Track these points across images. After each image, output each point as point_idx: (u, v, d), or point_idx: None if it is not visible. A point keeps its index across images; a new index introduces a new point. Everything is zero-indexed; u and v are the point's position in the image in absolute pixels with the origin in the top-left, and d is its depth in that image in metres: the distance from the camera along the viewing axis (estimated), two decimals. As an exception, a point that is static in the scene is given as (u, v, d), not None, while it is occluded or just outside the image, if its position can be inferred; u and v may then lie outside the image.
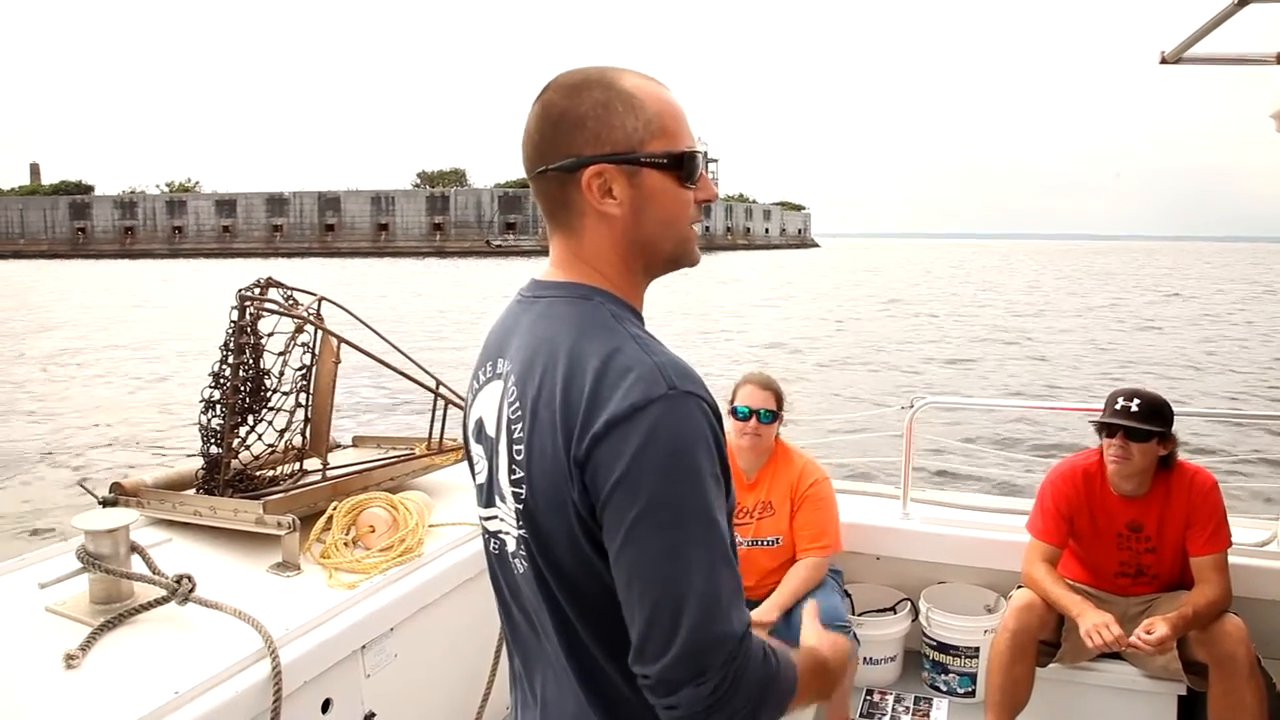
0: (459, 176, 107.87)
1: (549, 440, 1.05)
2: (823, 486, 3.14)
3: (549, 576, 1.10)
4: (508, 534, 1.16)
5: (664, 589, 0.98)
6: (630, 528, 0.99)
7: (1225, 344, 22.23)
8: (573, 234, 1.15)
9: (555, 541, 1.07)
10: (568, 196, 1.13)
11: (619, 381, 1.01)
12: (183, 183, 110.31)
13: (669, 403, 1.00)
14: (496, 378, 1.18)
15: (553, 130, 1.11)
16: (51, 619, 1.94)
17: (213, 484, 2.48)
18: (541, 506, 1.07)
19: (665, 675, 0.98)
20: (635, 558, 0.99)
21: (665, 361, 1.03)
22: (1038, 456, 8.73)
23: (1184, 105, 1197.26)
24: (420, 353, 3.04)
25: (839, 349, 20.72)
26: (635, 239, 1.14)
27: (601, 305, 1.11)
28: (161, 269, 65.28)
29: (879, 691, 3.45)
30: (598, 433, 1.00)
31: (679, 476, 0.99)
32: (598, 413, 1.00)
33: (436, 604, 2.39)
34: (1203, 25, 2.35)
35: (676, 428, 0.99)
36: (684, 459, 0.99)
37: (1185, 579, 2.89)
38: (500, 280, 43.43)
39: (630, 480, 0.98)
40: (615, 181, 1.10)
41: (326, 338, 2.67)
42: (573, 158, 1.10)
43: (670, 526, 0.98)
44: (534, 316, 1.15)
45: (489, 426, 1.18)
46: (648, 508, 0.98)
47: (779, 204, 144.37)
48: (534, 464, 1.07)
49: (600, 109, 1.09)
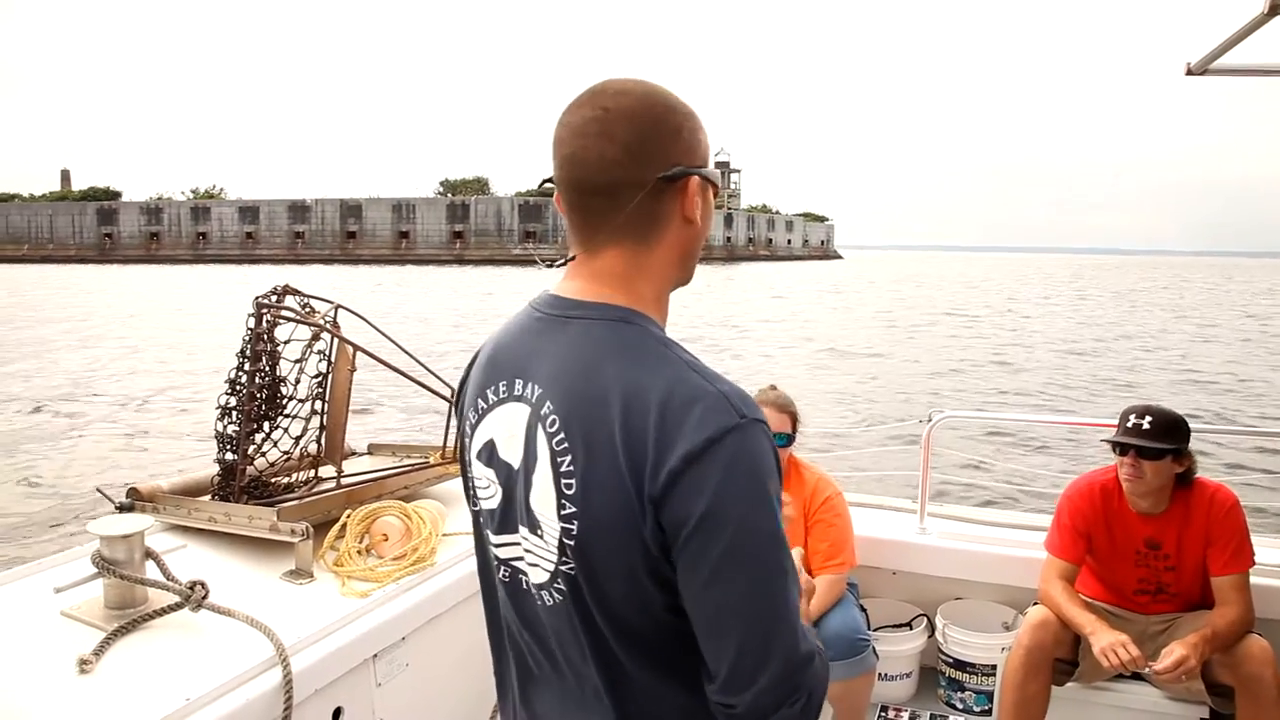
0: (481, 185, 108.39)
1: (611, 475, 1.01)
2: (836, 502, 3.12)
3: (595, 609, 1.07)
4: (535, 565, 1.11)
5: (755, 620, 0.99)
6: (718, 564, 0.98)
7: (1254, 360, 21.96)
8: (644, 246, 1.11)
9: (609, 576, 1.04)
10: (660, 207, 1.10)
11: (687, 413, 0.99)
12: (208, 189, 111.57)
13: (741, 433, 0.99)
14: (516, 400, 1.12)
15: (653, 136, 1.08)
16: (66, 623, 1.95)
17: (228, 490, 2.49)
18: (599, 542, 1.04)
19: (760, 701, 1.00)
20: (724, 592, 0.99)
21: (729, 390, 1.02)
22: (1057, 472, 8.64)
23: (1210, 117, 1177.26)
24: (437, 361, 3.04)
25: (856, 361, 20.63)
26: (693, 251, 1.16)
27: (645, 329, 1.09)
28: (185, 274, 65.97)
29: (894, 708, 3.42)
30: (675, 469, 0.98)
31: (758, 506, 0.99)
32: (671, 448, 0.98)
33: (449, 613, 2.39)
34: (1230, 36, 2.32)
35: (751, 458, 0.99)
36: (760, 488, 0.99)
37: (1208, 598, 2.85)
38: (524, 288, 43.57)
39: (714, 517, 0.97)
40: (698, 193, 1.12)
41: (343, 346, 2.68)
42: (678, 166, 1.09)
43: (756, 558, 0.99)
44: (570, 339, 1.09)
45: (505, 451, 1.14)
46: (734, 543, 0.98)
47: (802, 215, 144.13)
48: (592, 499, 1.03)
49: (689, 121, 1.11)
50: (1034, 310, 39.29)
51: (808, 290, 53.55)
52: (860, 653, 2.93)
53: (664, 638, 1.06)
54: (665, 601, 1.04)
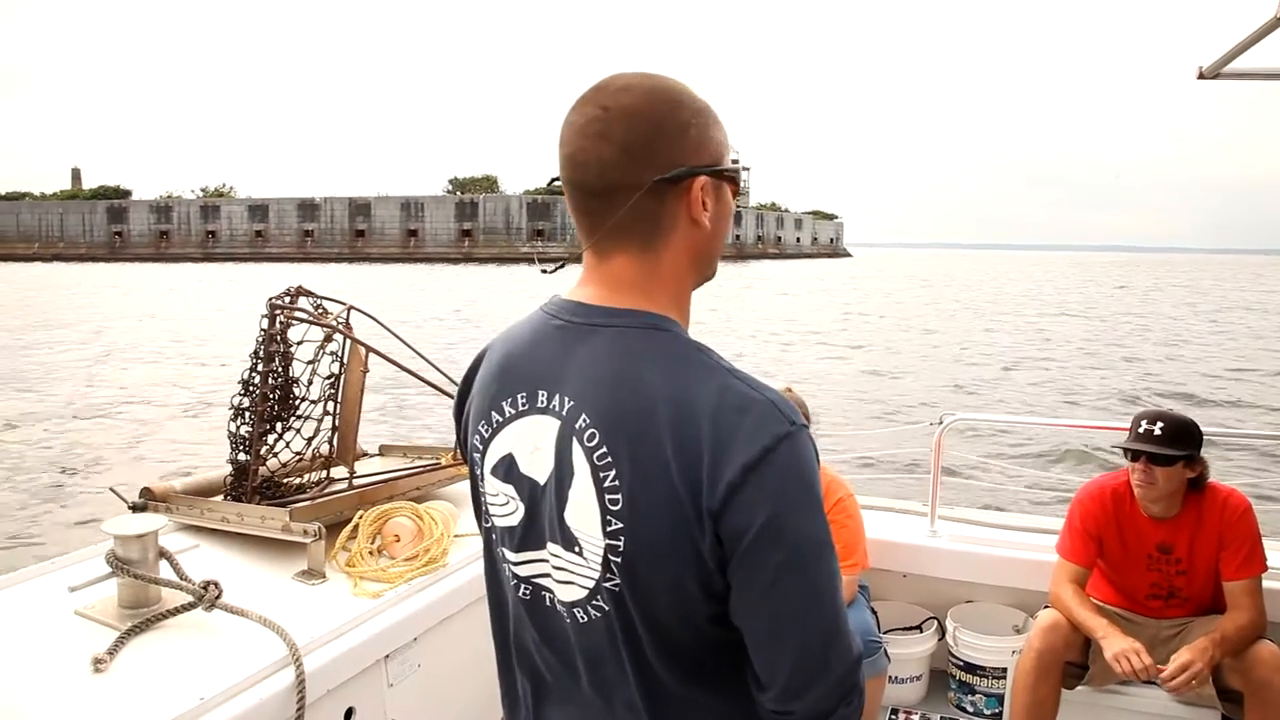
0: (490, 183, 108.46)
1: (663, 489, 0.99)
2: (847, 503, 3.12)
3: (640, 624, 1.04)
4: (568, 583, 1.08)
5: (813, 627, 1.00)
6: (776, 574, 0.98)
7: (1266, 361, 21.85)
8: (650, 251, 1.07)
9: (657, 591, 1.02)
10: (663, 209, 1.06)
11: (739, 423, 0.97)
12: (217, 188, 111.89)
13: (792, 441, 0.98)
14: (541, 412, 1.08)
15: (656, 136, 1.04)
16: (80, 622, 1.96)
17: (240, 491, 2.50)
18: (649, 557, 1.01)
19: (819, 706, 1.01)
20: (783, 601, 0.99)
21: (775, 397, 1.01)
22: (1069, 475, 8.61)
23: (1223, 119, 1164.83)
24: (447, 358, 3.05)
25: (867, 363, 20.59)
26: (708, 252, 1.12)
27: (680, 337, 1.06)
28: (195, 273, 66.23)
29: (905, 711, 3.41)
30: (733, 481, 0.96)
31: (813, 514, 0.99)
32: (727, 459, 0.96)
33: (460, 614, 2.40)
34: (1241, 41, 2.31)
35: (803, 465, 0.99)
36: (813, 494, 0.99)
37: (1220, 603, 2.83)
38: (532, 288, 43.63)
39: (774, 527, 0.97)
40: (708, 194, 1.08)
41: (355, 347, 2.69)
42: (683, 166, 1.05)
43: (812, 566, 0.99)
44: (601, 349, 1.05)
45: (529, 466, 1.10)
46: (794, 553, 0.98)
47: (811, 213, 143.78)
48: (641, 514, 1.00)
49: (699, 117, 1.06)
50: (1048, 309, 39.13)
51: (816, 289, 53.47)
52: (871, 655, 2.93)
53: (704, 649, 1.05)
54: (710, 613, 1.03)
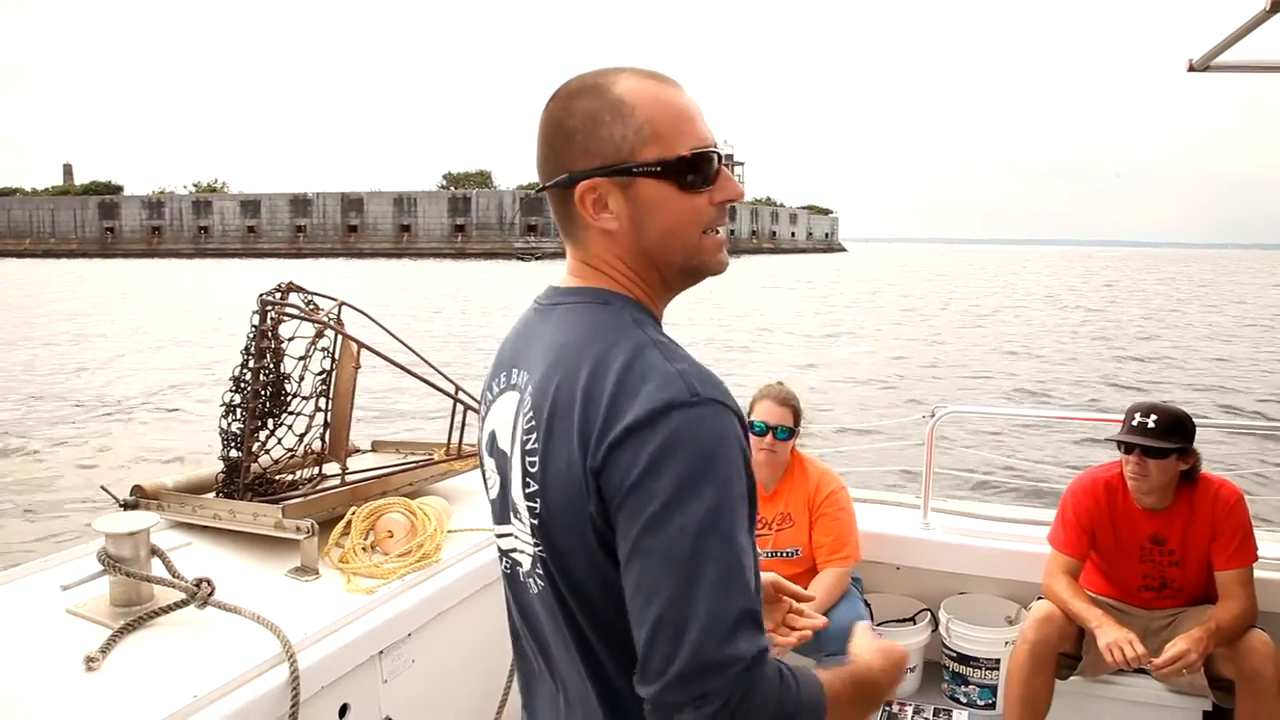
0: (485, 178, 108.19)
1: (564, 450, 1.00)
2: (840, 496, 3.12)
3: (567, 595, 1.05)
4: (522, 552, 1.12)
5: (669, 605, 0.92)
6: (639, 536, 0.94)
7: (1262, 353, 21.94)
8: (579, 245, 1.13)
9: (572, 557, 1.03)
10: (569, 211, 1.10)
11: (639, 387, 0.97)
12: (210, 183, 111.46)
13: (691, 409, 0.95)
14: (511, 389, 1.14)
15: (548, 145, 1.10)
16: (72, 621, 1.96)
17: (232, 488, 2.49)
18: (557, 521, 1.02)
19: (664, 697, 0.92)
20: (643, 569, 0.94)
21: (688, 369, 0.99)
22: (1061, 466, 8.64)
23: (1217, 112, 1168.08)
24: (439, 356, 3.04)
25: (861, 355, 20.62)
26: (639, 251, 1.10)
27: (622, 310, 1.08)
28: (187, 269, 65.97)
29: (898, 703, 3.41)
30: (615, 439, 0.95)
31: (698, 486, 0.93)
32: (616, 419, 0.96)
33: (454, 610, 2.39)
34: (1231, 33, 2.31)
35: (698, 435, 0.94)
36: (704, 468, 0.93)
37: (1212, 594, 2.84)
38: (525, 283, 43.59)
39: (643, 487, 0.93)
40: (610, 195, 1.07)
41: (346, 342, 2.68)
42: (566, 174, 1.07)
43: (682, 538, 0.92)
44: (553, 325, 1.11)
45: (502, 440, 1.15)
46: (660, 517, 0.92)
47: (806, 208, 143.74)
48: (549, 476, 1.02)
49: (588, 120, 1.06)
50: (1044, 302, 39.22)
51: (810, 284, 53.48)
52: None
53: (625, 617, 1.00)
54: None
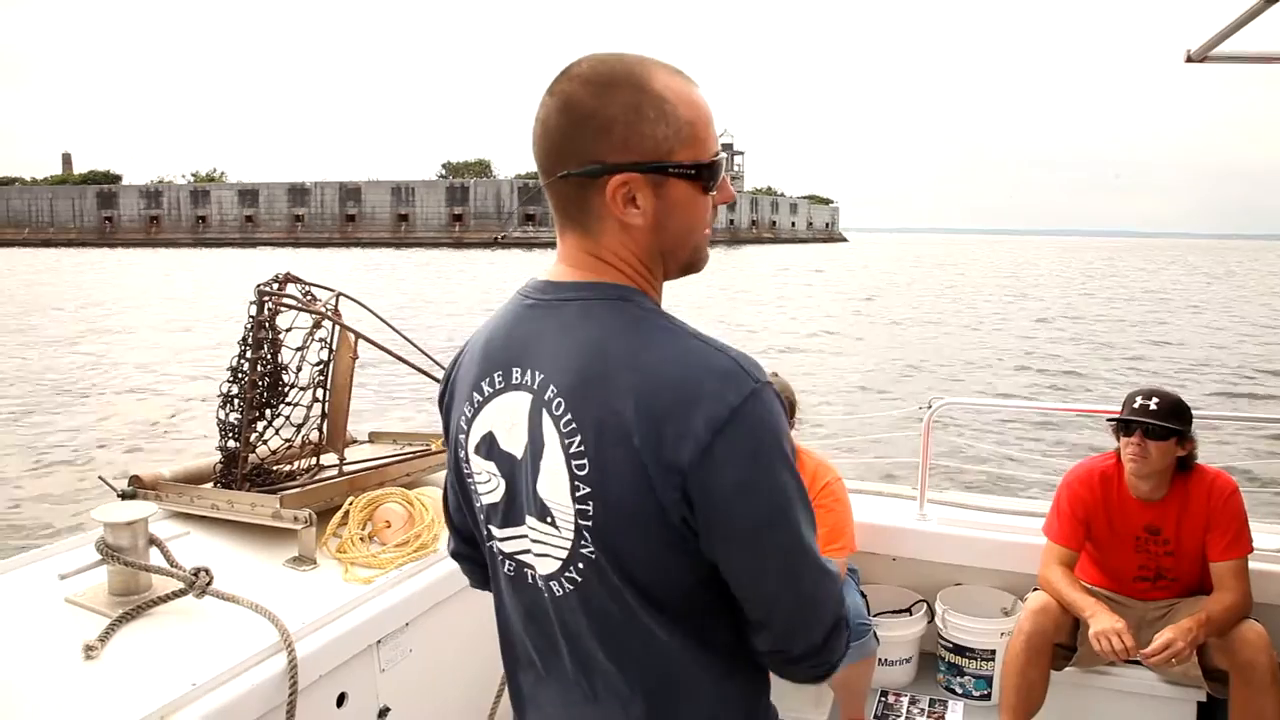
0: (484, 167, 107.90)
1: (628, 453, 0.99)
2: (836, 486, 3.12)
3: (624, 589, 1.05)
4: (544, 555, 1.10)
5: (802, 579, 1.06)
6: (756, 531, 1.02)
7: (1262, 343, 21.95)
8: (588, 235, 1.09)
9: (632, 552, 1.04)
10: (587, 200, 1.06)
11: (703, 384, 0.98)
12: (208, 173, 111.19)
13: (758, 398, 0.99)
14: (515, 389, 1.10)
15: (576, 130, 1.04)
16: (71, 610, 1.96)
17: (230, 478, 2.50)
18: (620, 522, 1.03)
19: (816, 642, 1.09)
20: (768, 554, 1.03)
21: (737, 355, 1.02)
22: (1057, 457, 8.66)
23: (1218, 103, 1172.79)
24: (435, 344, 3.05)
25: (859, 347, 20.62)
26: (655, 248, 1.09)
27: (644, 305, 1.07)
28: (186, 258, 65.83)
29: (894, 693, 3.44)
30: (702, 440, 0.97)
31: (782, 468, 1.01)
32: (693, 418, 0.97)
33: (451, 600, 2.40)
34: (1230, 23, 2.31)
35: (771, 421, 1.00)
36: (781, 449, 1.01)
37: (1207, 585, 2.86)
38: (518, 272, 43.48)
39: (749, 484, 1.00)
40: (640, 191, 1.05)
41: (344, 333, 2.68)
42: (597, 164, 1.03)
43: (791, 520, 1.03)
44: (567, 322, 1.07)
45: (507, 441, 1.11)
46: (770, 509, 1.01)
47: (807, 197, 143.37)
48: (609, 479, 1.01)
49: (631, 113, 1.03)
50: (1042, 293, 39.19)
51: (809, 274, 53.44)
52: (861, 638, 2.94)
53: (691, 604, 1.08)
54: (687, 569, 1.05)
